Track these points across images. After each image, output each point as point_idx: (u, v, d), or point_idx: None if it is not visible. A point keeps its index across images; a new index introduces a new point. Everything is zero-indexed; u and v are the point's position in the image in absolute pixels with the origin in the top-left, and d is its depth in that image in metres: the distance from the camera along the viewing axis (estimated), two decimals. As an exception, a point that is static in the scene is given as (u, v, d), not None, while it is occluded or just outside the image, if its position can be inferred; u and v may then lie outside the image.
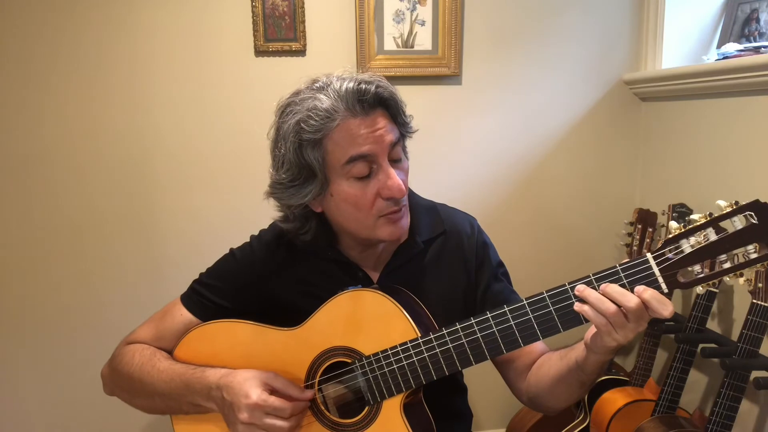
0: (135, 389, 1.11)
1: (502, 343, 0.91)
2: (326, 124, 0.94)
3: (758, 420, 1.64)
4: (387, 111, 0.99)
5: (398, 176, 0.98)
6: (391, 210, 0.99)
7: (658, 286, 0.82)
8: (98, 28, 1.88)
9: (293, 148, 0.97)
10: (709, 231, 0.80)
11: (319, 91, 0.97)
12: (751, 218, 0.78)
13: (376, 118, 0.97)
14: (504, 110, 2.10)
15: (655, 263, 0.82)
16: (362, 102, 0.95)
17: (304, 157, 0.97)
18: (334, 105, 0.94)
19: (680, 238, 0.81)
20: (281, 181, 1.00)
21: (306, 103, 0.96)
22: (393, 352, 0.97)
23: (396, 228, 1.01)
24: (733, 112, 1.72)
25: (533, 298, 0.89)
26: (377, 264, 1.12)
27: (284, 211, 1.07)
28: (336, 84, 0.96)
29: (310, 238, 1.08)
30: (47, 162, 1.93)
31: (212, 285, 1.13)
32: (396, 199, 0.98)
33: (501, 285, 1.14)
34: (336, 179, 0.98)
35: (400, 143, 1.01)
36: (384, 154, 0.97)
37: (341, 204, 1.00)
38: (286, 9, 1.92)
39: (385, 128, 0.97)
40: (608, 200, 2.20)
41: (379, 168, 0.98)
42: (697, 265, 0.81)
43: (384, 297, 0.99)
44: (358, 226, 1.02)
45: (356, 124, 0.95)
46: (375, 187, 0.98)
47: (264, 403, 0.96)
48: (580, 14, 2.07)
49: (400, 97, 1.01)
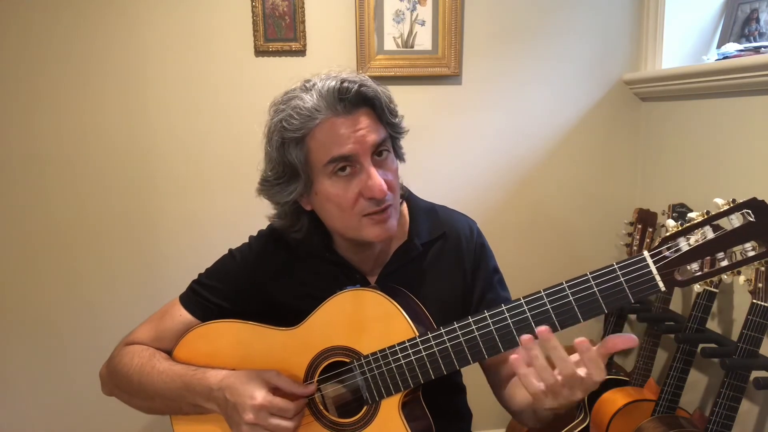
0: (134, 390, 1.11)
1: (499, 342, 0.91)
2: (307, 123, 0.95)
3: (758, 420, 1.63)
4: (372, 110, 0.99)
5: (382, 176, 0.98)
6: (373, 210, 0.99)
7: (656, 285, 0.81)
8: (96, 27, 1.88)
9: (276, 146, 0.98)
10: (707, 229, 0.80)
11: (305, 90, 0.97)
12: (748, 216, 0.78)
13: (359, 118, 0.96)
14: (504, 110, 2.10)
15: (652, 261, 0.82)
16: (344, 101, 0.95)
17: (286, 156, 0.98)
18: (316, 104, 0.95)
19: (677, 237, 0.81)
20: (268, 178, 1.02)
21: (291, 102, 0.97)
22: (391, 351, 0.97)
23: (382, 229, 1.00)
24: (733, 112, 1.72)
25: (531, 297, 0.89)
26: (375, 266, 1.12)
27: (276, 209, 1.08)
28: (320, 84, 0.96)
29: (302, 237, 1.08)
30: (44, 163, 1.93)
31: (212, 286, 1.13)
32: (377, 199, 0.97)
33: (494, 293, 1.15)
34: (319, 178, 0.99)
35: (385, 143, 1.00)
36: (366, 154, 0.97)
37: (325, 203, 1.01)
38: (286, 9, 1.93)
39: (368, 128, 0.97)
40: (608, 200, 2.20)
41: (362, 168, 0.97)
42: (694, 263, 0.81)
43: (383, 297, 0.99)
44: (343, 225, 1.02)
45: (338, 124, 0.95)
46: (357, 186, 0.97)
47: (269, 404, 0.96)
48: (580, 14, 2.07)
49: (389, 97, 1.01)
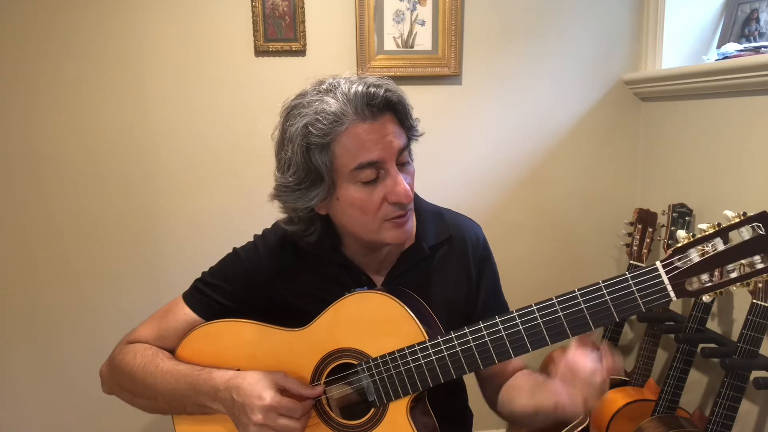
0: (137, 389, 1.10)
1: (510, 348, 0.92)
2: (334, 128, 0.93)
3: (758, 420, 1.64)
4: (395, 115, 0.98)
5: (405, 180, 0.98)
6: (397, 214, 0.99)
7: (667, 294, 0.83)
8: (96, 27, 1.88)
9: (300, 151, 0.95)
10: (717, 241, 0.82)
11: (327, 93, 0.95)
12: (758, 229, 0.80)
13: (385, 124, 0.96)
14: (504, 110, 2.10)
15: (664, 272, 0.83)
16: (371, 106, 0.94)
17: (311, 161, 0.95)
18: (343, 108, 0.93)
19: (689, 248, 0.83)
20: (287, 183, 0.99)
21: (313, 106, 0.94)
22: (400, 354, 0.97)
23: (401, 232, 1.01)
24: (733, 112, 1.72)
25: (542, 304, 0.89)
26: (381, 268, 1.12)
27: (289, 213, 1.05)
28: (344, 87, 0.94)
29: (315, 240, 1.07)
30: (43, 163, 1.92)
31: (217, 285, 1.12)
32: (402, 204, 0.98)
33: (497, 300, 1.16)
34: (343, 183, 0.98)
35: (407, 148, 1.01)
36: (392, 159, 0.96)
37: (347, 208, 1.00)
38: (286, 9, 1.92)
39: (394, 133, 0.96)
40: (608, 200, 2.20)
41: (387, 173, 0.97)
42: (704, 275, 0.83)
43: (391, 299, 0.98)
44: (363, 229, 1.01)
45: (365, 129, 0.94)
46: (382, 192, 0.97)
47: (278, 404, 0.96)
48: (581, 14, 2.07)
49: (408, 101, 1.00)
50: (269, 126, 1.05)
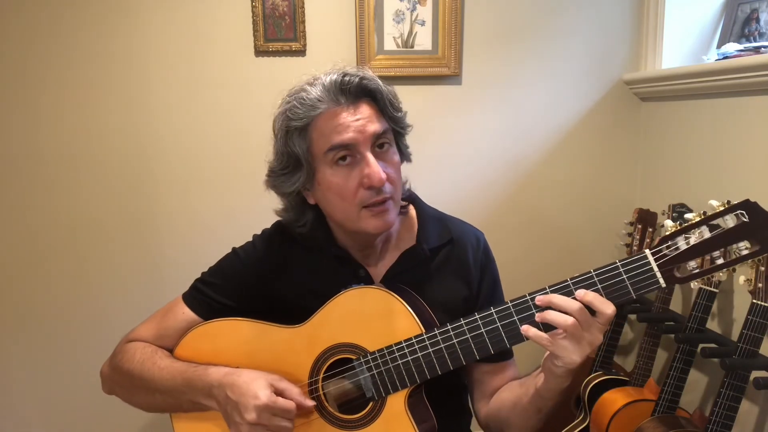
0: (135, 387, 1.11)
1: (505, 337, 0.94)
2: (309, 112, 0.99)
3: (758, 420, 1.63)
4: (374, 102, 1.02)
5: (382, 167, 1.00)
6: (374, 200, 1.01)
7: (657, 281, 0.86)
8: (96, 27, 1.89)
9: (281, 136, 1.02)
10: (704, 229, 0.86)
11: (309, 84, 1.02)
12: (742, 216, 0.84)
13: (360, 108, 1.00)
14: (504, 110, 2.10)
15: (653, 259, 0.86)
16: (345, 92, 0.99)
17: (290, 146, 1.01)
18: (319, 95, 0.99)
19: (676, 236, 0.87)
20: (273, 168, 1.06)
21: (296, 95, 1.01)
22: (398, 348, 0.98)
23: (380, 221, 1.02)
24: (733, 112, 1.72)
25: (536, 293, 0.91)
26: (380, 266, 1.13)
27: (283, 202, 1.10)
28: (324, 77, 1.01)
29: (307, 231, 1.10)
30: (46, 163, 1.93)
31: (216, 284, 1.14)
32: (376, 188, 0.99)
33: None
34: (321, 167, 1.02)
35: (386, 135, 1.03)
36: (366, 143, 0.99)
37: (327, 193, 1.03)
38: (286, 9, 1.93)
39: (369, 118, 1.00)
40: (608, 200, 2.20)
41: (362, 157, 1.00)
42: (692, 261, 0.87)
43: (388, 293, 1.00)
44: (344, 216, 1.04)
45: (338, 113, 0.99)
46: (358, 176, 1.00)
47: (273, 404, 0.97)
48: (580, 14, 2.07)
49: (392, 92, 1.04)
50: (265, 126, 1.08)
